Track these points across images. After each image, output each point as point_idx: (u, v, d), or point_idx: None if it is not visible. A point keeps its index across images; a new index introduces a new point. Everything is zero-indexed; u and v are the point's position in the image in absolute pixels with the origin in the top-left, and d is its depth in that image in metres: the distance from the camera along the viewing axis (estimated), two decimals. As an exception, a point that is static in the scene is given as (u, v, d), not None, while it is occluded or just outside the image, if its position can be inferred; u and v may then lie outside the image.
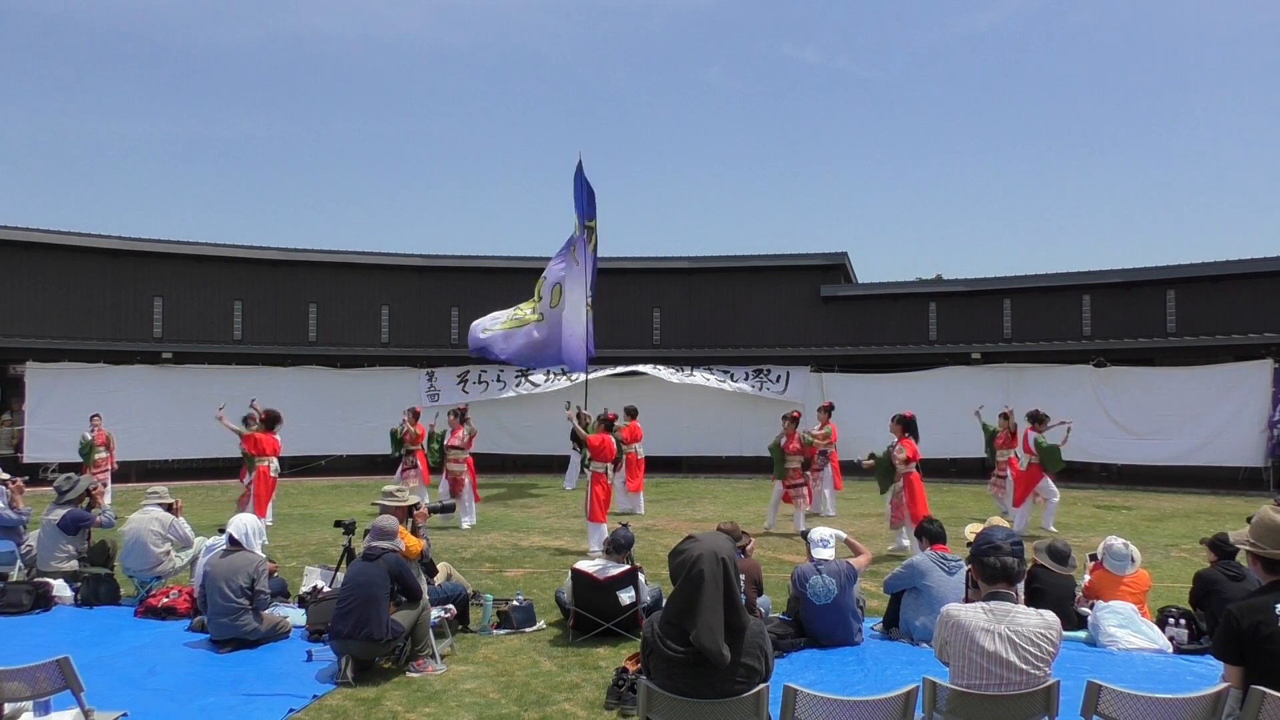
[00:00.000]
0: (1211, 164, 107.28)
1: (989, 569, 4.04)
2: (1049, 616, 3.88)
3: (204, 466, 19.21)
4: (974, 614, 3.86)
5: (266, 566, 6.85)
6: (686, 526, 12.23)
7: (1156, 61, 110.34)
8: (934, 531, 6.97)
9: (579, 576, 6.65)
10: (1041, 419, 11.85)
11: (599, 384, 16.68)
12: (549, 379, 19.66)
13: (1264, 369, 16.42)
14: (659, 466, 18.37)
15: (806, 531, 7.01)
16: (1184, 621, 6.49)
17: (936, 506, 12.32)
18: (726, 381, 19.90)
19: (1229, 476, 17.27)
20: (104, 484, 13.91)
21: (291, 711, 5.13)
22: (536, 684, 5.62)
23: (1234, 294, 18.60)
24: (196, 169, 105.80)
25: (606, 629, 6.52)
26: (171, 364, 19.40)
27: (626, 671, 5.35)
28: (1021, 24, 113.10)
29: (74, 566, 8.07)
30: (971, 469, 18.23)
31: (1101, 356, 18.18)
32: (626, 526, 7.18)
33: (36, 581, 7.80)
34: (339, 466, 20.27)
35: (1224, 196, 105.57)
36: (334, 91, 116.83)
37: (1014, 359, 18.99)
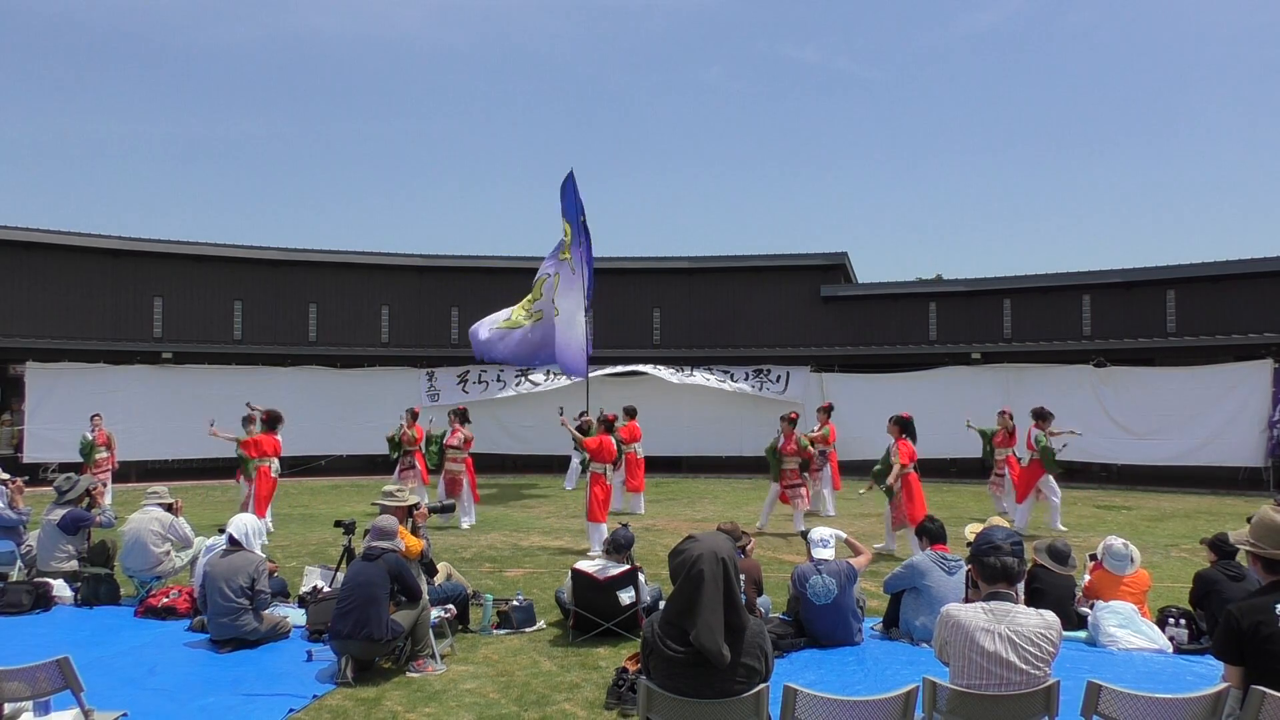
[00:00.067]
0: (1211, 164, 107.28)
1: (989, 569, 4.04)
2: (1049, 616, 3.88)
3: (204, 466, 19.20)
4: (974, 614, 3.86)
5: (266, 566, 6.85)
6: (686, 526, 12.22)
7: (1156, 61, 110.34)
8: (934, 531, 6.97)
9: (579, 576, 6.66)
10: (1046, 417, 11.84)
11: (599, 384, 16.66)
12: (549, 379, 19.65)
13: (1264, 369, 16.42)
14: (659, 466, 18.37)
15: (806, 531, 7.01)
16: (1184, 621, 6.49)
17: (936, 506, 12.31)
18: (726, 381, 19.90)
19: (1229, 476, 17.27)
20: (104, 484, 13.92)
21: (291, 711, 5.13)
22: (536, 684, 5.63)
23: (1234, 294, 18.60)
24: (196, 169, 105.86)
25: (606, 629, 6.52)
26: (171, 364, 19.41)
27: (626, 671, 5.35)
28: (1021, 24, 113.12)
29: (74, 566, 8.07)
30: (971, 469, 18.22)
31: (1101, 356, 18.18)
32: (626, 526, 7.18)
33: (36, 581, 7.80)
34: (339, 466, 20.27)
35: (1224, 196, 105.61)
36: (334, 91, 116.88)
37: (1014, 359, 18.99)
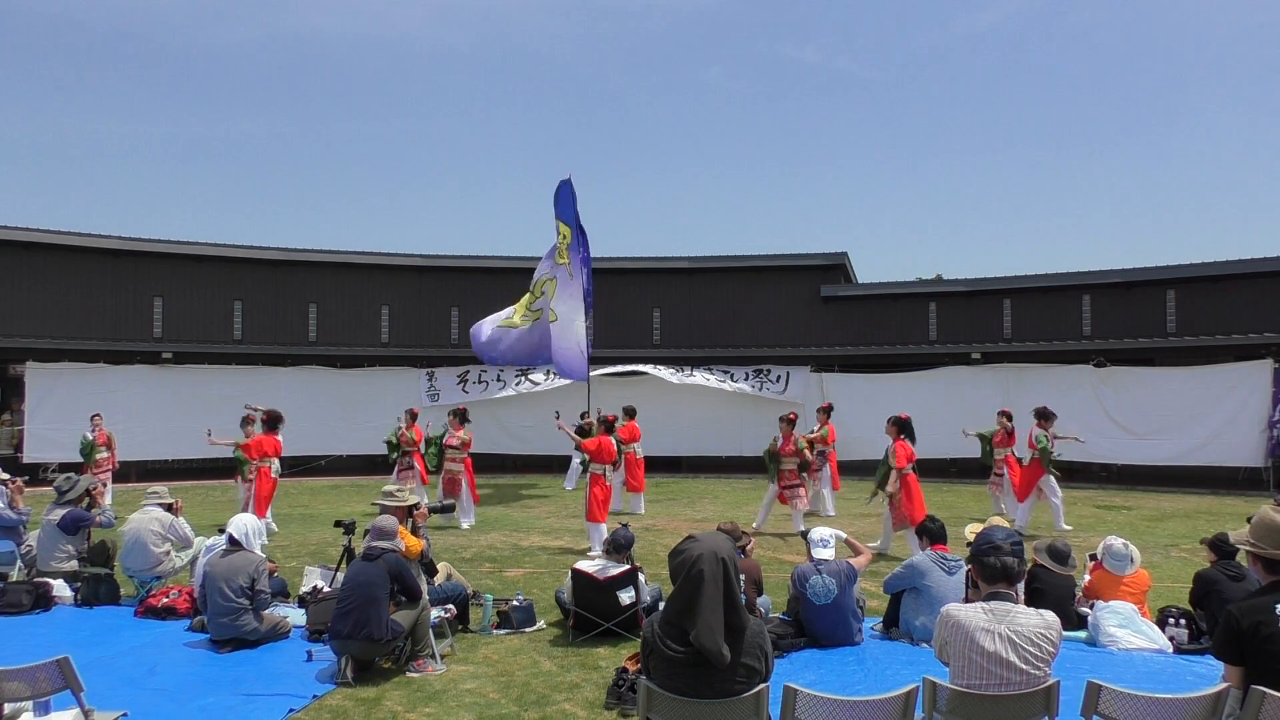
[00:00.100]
0: (1211, 164, 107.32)
1: (989, 569, 4.04)
2: (1049, 616, 3.88)
3: (204, 466, 19.21)
4: (974, 614, 3.86)
5: (266, 566, 6.85)
6: (686, 526, 12.22)
7: (1156, 61, 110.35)
8: (934, 531, 6.97)
9: (579, 576, 6.65)
10: (1048, 416, 11.85)
11: (599, 384, 16.64)
12: (549, 379, 19.62)
13: (1264, 369, 16.42)
14: (659, 466, 18.37)
15: (806, 531, 7.00)
16: (1184, 621, 6.49)
17: (936, 506, 12.31)
18: (726, 381, 19.89)
19: (1229, 476, 17.27)
20: (105, 484, 13.91)
21: (291, 711, 5.13)
22: (536, 684, 5.62)
23: (1234, 294, 18.60)
24: (196, 169, 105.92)
25: (606, 629, 6.52)
26: (171, 364, 19.40)
27: (626, 671, 5.35)
28: (1021, 24, 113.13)
29: (74, 566, 8.07)
30: (971, 469, 18.21)
31: (1101, 356, 18.18)
32: (626, 526, 7.18)
33: (36, 581, 7.80)
34: (339, 466, 20.26)
35: (1224, 196, 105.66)
36: (334, 91, 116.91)
37: (1014, 359, 18.99)
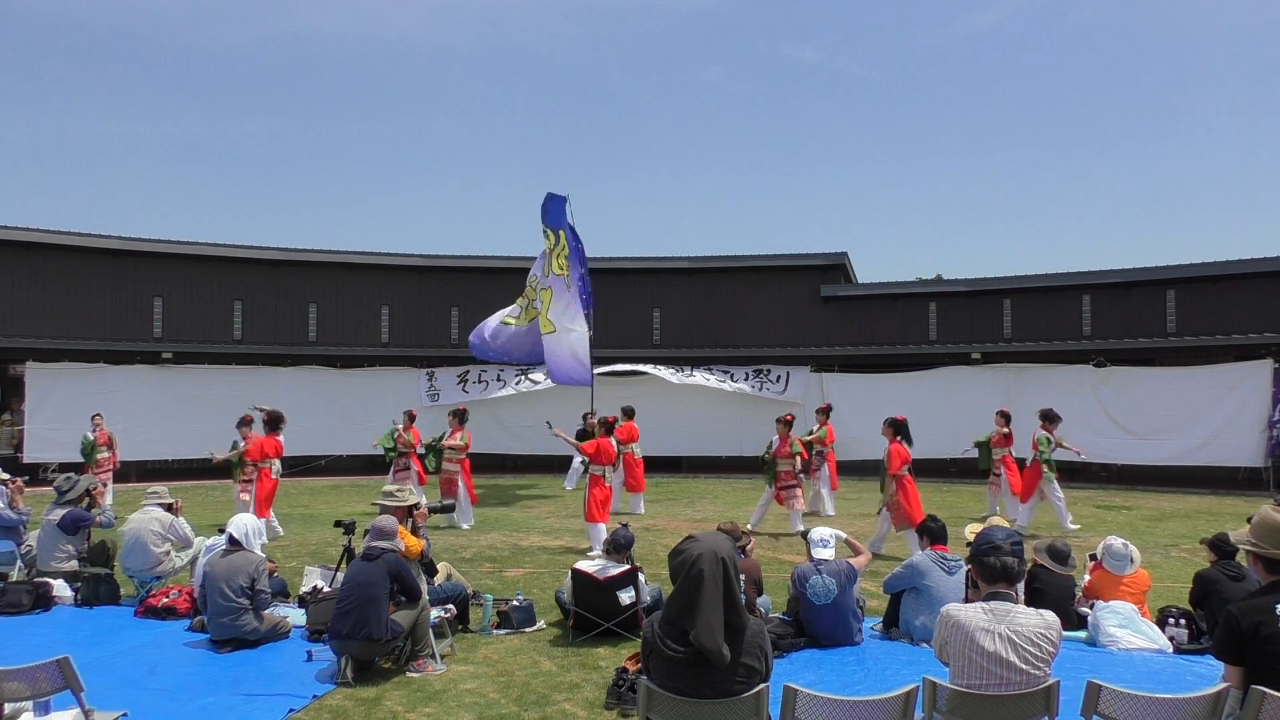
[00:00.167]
0: (1211, 164, 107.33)
1: (989, 569, 4.04)
2: (1049, 616, 3.88)
3: (204, 466, 19.16)
4: (974, 614, 3.86)
5: (266, 566, 6.85)
6: (686, 526, 12.22)
7: (1156, 61, 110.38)
8: (935, 531, 6.97)
9: (579, 576, 6.65)
10: (1053, 419, 11.84)
11: (599, 384, 16.65)
12: (549, 379, 19.62)
13: (1264, 369, 16.41)
14: (659, 466, 18.36)
15: (806, 531, 7.00)
16: (1184, 621, 6.49)
17: (936, 506, 12.30)
18: (726, 381, 19.89)
19: (1229, 476, 17.27)
20: (105, 484, 13.91)
21: (291, 711, 5.13)
22: (536, 684, 5.62)
23: (1234, 294, 18.59)
24: (196, 169, 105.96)
25: (606, 629, 6.52)
26: (171, 364, 19.41)
27: (626, 671, 5.35)
28: (1021, 24, 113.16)
29: (74, 566, 8.07)
30: (971, 469, 18.14)
31: (1101, 356, 18.18)
32: (626, 526, 7.18)
33: (36, 581, 7.80)
34: (339, 466, 20.26)
35: (1224, 196, 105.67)
36: (334, 91, 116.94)
37: (1014, 359, 18.99)
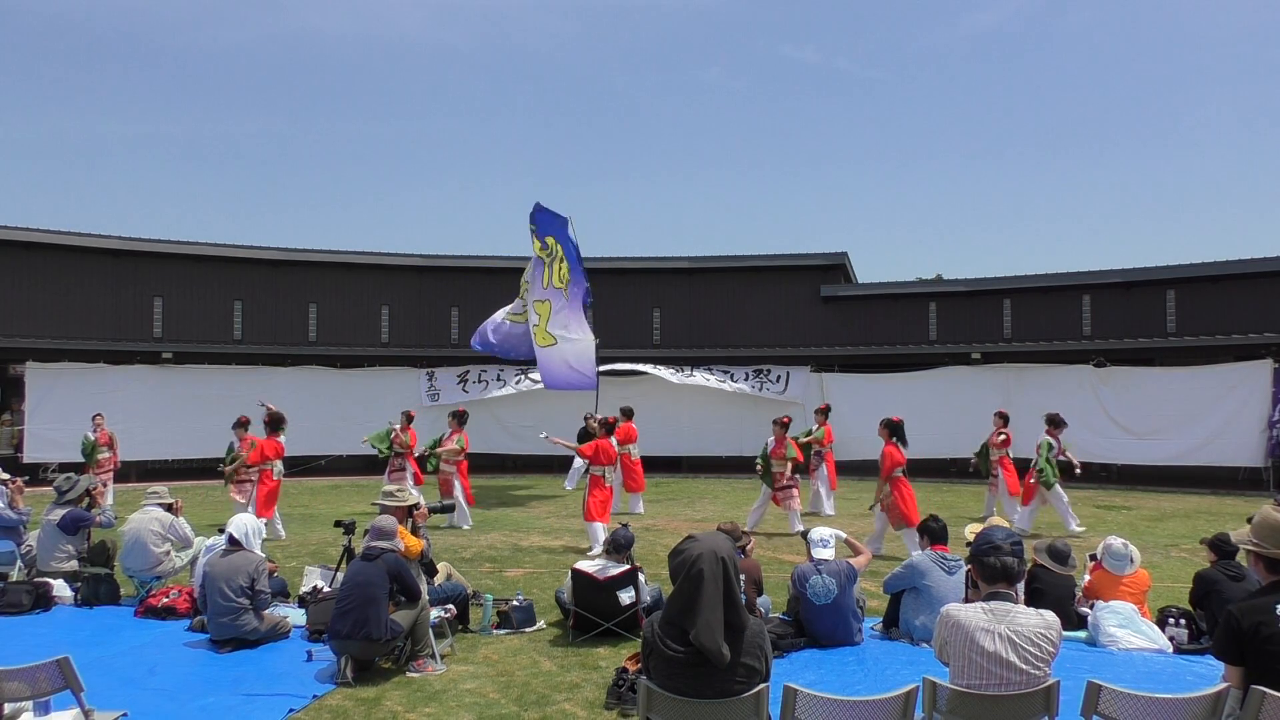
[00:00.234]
0: (1211, 164, 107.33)
1: (989, 569, 4.04)
2: (1049, 616, 3.88)
3: (204, 466, 19.16)
4: (974, 614, 3.85)
5: (266, 566, 6.85)
6: (686, 526, 12.22)
7: (1156, 61, 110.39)
8: (935, 531, 6.96)
9: (579, 576, 6.65)
10: (1059, 424, 11.84)
11: (599, 383, 16.64)
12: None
13: (1264, 369, 16.41)
14: (659, 466, 18.36)
15: (806, 531, 7.00)
16: (1184, 621, 6.49)
17: (936, 506, 12.31)
18: (726, 381, 19.89)
19: (1229, 476, 17.27)
20: (106, 484, 13.91)
21: (291, 711, 5.13)
22: (536, 684, 5.62)
23: (1234, 294, 18.59)
24: (196, 169, 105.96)
25: (606, 629, 6.52)
26: (171, 364, 19.40)
27: (626, 671, 5.35)
28: (1021, 24, 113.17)
29: (74, 566, 8.07)
30: (972, 469, 18.23)
31: (1101, 356, 18.17)
32: (626, 526, 7.18)
33: (36, 581, 7.80)
34: (339, 466, 20.25)
35: (1224, 196, 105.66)
36: (334, 91, 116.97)
37: (1014, 359, 18.98)
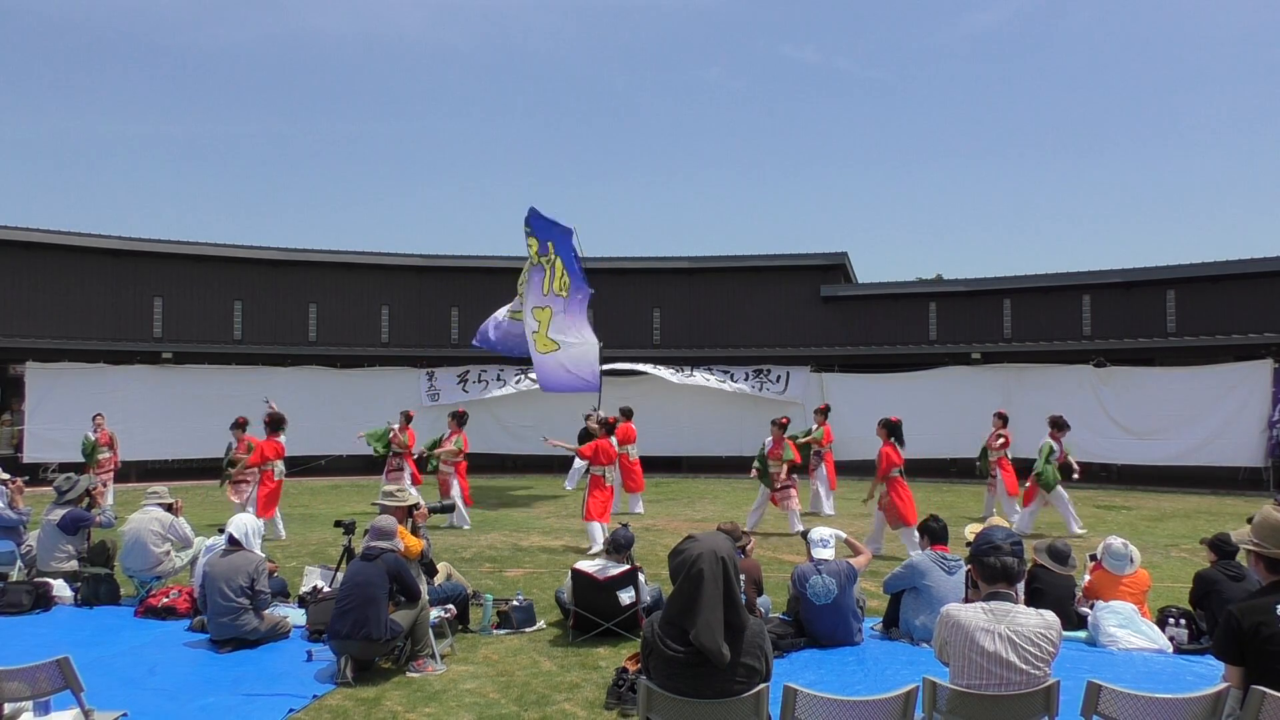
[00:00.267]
0: (1211, 164, 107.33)
1: (989, 569, 4.04)
2: (1049, 616, 3.88)
3: (204, 466, 19.17)
4: (974, 614, 3.85)
5: (266, 566, 6.85)
6: (686, 526, 12.22)
7: (1156, 61, 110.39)
8: (935, 531, 6.96)
9: (579, 576, 6.65)
10: (1061, 426, 11.85)
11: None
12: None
13: (1264, 369, 16.41)
14: (659, 466, 18.36)
15: (806, 531, 7.00)
16: (1184, 621, 6.49)
17: (936, 506, 12.31)
18: (726, 381, 19.89)
19: (1229, 476, 17.27)
20: (106, 484, 13.91)
21: (291, 711, 5.13)
22: (536, 684, 5.62)
23: (1234, 294, 18.58)
24: (196, 169, 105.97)
25: (606, 629, 6.52)
26: (171, 364, 19.41)
27: (626, 671, 5.35)
28: (1022, 24, 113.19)
29: (74, 566, 8.07)
30: (971, 469, 18.22)
31: (1101, 356, 18.17)
32: (626, 526, 7.18)
33: (36, 581, 7.80)
34: (339, 466, 20.24)
35: (1224, 196, 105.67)
36: (334, 91, 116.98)
37: (1014, 359, 18.98)
